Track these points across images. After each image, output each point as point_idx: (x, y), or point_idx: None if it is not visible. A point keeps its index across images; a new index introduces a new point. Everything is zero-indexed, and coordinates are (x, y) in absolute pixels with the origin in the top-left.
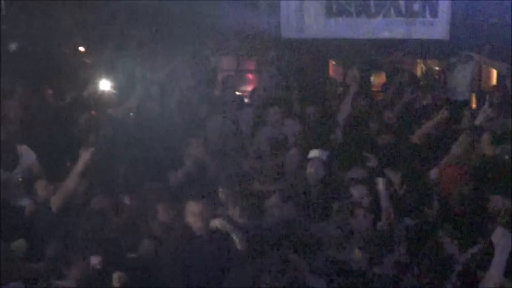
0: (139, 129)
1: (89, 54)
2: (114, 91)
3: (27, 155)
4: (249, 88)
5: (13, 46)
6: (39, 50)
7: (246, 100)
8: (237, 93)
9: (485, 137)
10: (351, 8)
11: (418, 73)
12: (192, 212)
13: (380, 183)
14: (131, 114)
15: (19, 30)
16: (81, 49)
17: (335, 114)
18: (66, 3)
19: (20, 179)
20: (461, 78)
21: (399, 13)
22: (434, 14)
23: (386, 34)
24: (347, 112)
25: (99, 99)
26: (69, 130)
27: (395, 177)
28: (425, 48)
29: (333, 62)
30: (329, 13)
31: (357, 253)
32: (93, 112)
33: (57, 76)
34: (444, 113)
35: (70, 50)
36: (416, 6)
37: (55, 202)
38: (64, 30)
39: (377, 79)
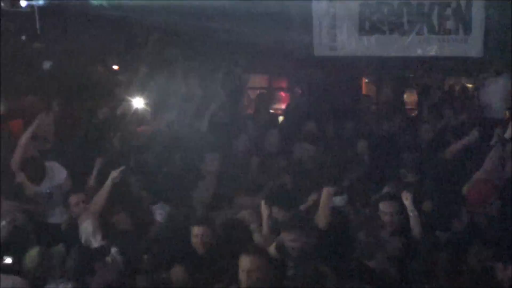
0: (170, 146)
1: (123, 73)
2: (146, 109)
3: (58, 172)
4: (282, 105)
5: (47, 65)
6: (73, 68)
7: (279, 118)
8: (270, 110)
9: None
10: (384, 26)
11: (452, 91)
12: None
13: (407, 198)
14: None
15: (54, 48)
16: (115, 67)
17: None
18: (100, 22)
19: (49, 192)
20: (494, 96)
21: (432, 30)
22: (468, 31)
23: (419, 52)
24: None
25: (132, 117)
26: (102, 148)
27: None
28: (458, 66)
29: (366, 80)
30: (362, 31)
31: None
32: (124, 131)
33: (91, 94)
34: (474, 134)
35: (104, 68)
36: (449, 24)
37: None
38: (98, 49)
39: (410, 97)
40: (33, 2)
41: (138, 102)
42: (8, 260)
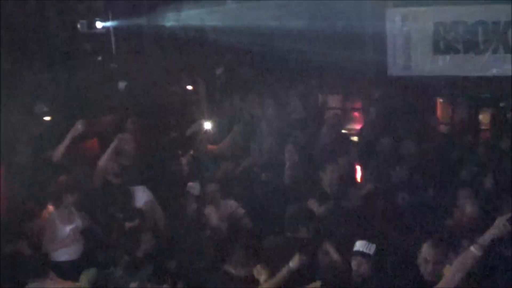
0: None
1: (197, 93)
2: (216, 129)
3: (143, 195)
4: (355, 126)
5: (122, 85)
6: (147, 88)
7: (352, 138)
8: (343, 131)
9: None
10: (459, 45)
11: None
12: None
13: None
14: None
15: (129, 69)
16: (189, 87)
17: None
18: (174, 42)
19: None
20: None
21: (507, 49)
22: None
23: (494, 71)
24: None
25: (203, 136)
26: (173, 166)
27: None
28: None
29: (440, 100)
30: (437, 50)
31: None
32: (192, 153)
33: (165, 114)
34: None
35: (178, 88)
36: None
37: None
38: (172, 69)
39: (486, 117)
40: (109, 24)
41: (209, 123)
42: None
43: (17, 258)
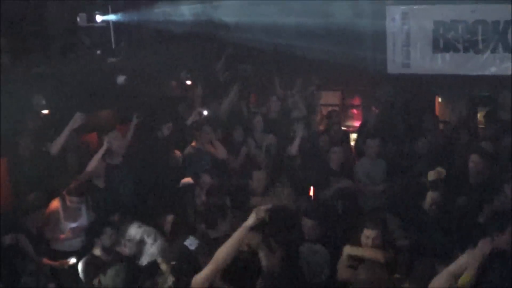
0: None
1: (196, 88)
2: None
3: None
4: (354, 123)
5: (121, 79)
6: (146, 83)
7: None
8: (342, 128)
9: None
10: (459, 44)
11: None
12: None
13: None
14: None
15: (128, 63)
16: (188, 82)
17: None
18: (173, 37)
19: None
20: None
21: (507, 49)
22: None
23: (493, 70)
24: None
25: (204, 129)
26: (169, 161)
27: None
28: None
29: (439, 98)
30: (436, 49)
31: None
32: (193, 144)
33: (164, 109)
34: None
35: (177, 83)
36: None
37: None
38: (171, 64)
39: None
40: (108, 18)
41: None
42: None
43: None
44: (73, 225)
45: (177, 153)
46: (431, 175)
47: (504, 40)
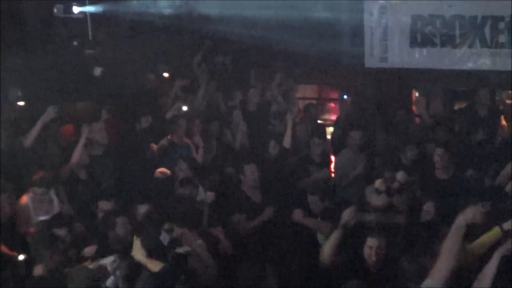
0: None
1: (174, 80)
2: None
3: None
4: (331, 116)
5: (98, 71)
6: (124, 75)
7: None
8: (318, 121)
9: None
10: (436, 39)
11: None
12: None
13: None
14: None
15: (105, 55)
16: (165, 75)
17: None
18: (151, 29)
19: None
20: None
21: (484, 44)
22: None
23: (470, 65)
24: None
25: (183, 123)
26: (146, 154)
27: None
28: (509, 79)
29: (416, 93)
30: (413, 43)
31: None
32: (169, 137)
33: (141, 101)
34: None
35: (155, 75)
36: (502, 37)
37: None
38: (149, 56)
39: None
40: (86, 9)
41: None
42: None
43: None
44: (43, 217)
45: (153, 146)
46: (377, 184)
47: (481, 35)
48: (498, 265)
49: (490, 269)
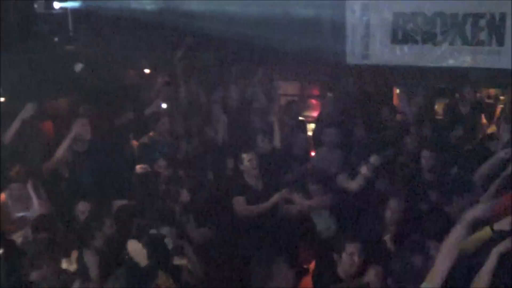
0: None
1: (155, 76)
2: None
3: None
4: (312, 113)
5: (79, 67)
6: (104, 71)
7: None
8: (300, 118)
9: None
10: (417, 36)
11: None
12: None
13: None
14: None
15: (86, 51)
16: (147, 71)
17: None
18: (133, 25)
19: None
20: None
21: (465, 41)
22: (501, 42)
23: (451, 62)
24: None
25: (163, 119)
26: (126, 150)
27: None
28: (489, 77)
29: (397, 90)
30: (395, 40)
31: None
32: (151, 134)
33: (121, 97)
34: (508, 153)
35: (136, 71)
36: (483, 35)
37: None
38: (130, 52)
39: (441, 107)
40: (66, 4)
41: (168, 106)
42: None
43: None
44: (21, 214)
45: (134, 142)
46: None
47: (462, 32)
48: (496, 263)
49: (488, 267)
